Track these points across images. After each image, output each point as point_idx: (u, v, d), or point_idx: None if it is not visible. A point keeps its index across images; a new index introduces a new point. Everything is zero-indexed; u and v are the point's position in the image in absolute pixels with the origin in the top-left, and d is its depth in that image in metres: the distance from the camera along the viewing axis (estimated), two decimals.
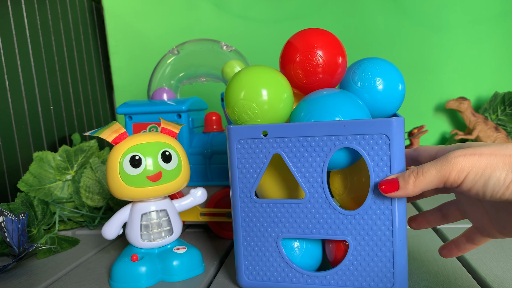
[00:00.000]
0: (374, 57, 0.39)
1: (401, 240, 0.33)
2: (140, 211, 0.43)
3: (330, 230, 0.35)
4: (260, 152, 0.36)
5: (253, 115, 0.36)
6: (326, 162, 0.34)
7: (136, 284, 0.41)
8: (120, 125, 0.42)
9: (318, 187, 0.35)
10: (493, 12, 0.84)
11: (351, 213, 0.34)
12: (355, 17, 0.87)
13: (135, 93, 0.93)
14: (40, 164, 0.65)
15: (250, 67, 0.37)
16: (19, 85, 0.69)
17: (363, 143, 0.33)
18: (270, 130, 0.35)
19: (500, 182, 0.26)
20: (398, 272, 0.33)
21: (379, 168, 0.33)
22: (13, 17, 0.69)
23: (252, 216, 0.37)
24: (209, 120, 0.57)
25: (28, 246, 0.47)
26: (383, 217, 0.33)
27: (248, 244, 0.38)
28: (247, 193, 0.37)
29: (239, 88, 0.36)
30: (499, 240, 0.47)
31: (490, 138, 0.79)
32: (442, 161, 0.28)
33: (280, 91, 0.36)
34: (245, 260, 0.38)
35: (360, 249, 0.34)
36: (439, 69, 0.87)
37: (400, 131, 0.32)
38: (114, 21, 0.92)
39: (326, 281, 0.36)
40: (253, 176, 0.37)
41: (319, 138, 0.34)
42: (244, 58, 0.62)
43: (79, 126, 0.84)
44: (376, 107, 0.38)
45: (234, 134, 0.36)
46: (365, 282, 0.34)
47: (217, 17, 0.89)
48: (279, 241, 0.37)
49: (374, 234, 0.34)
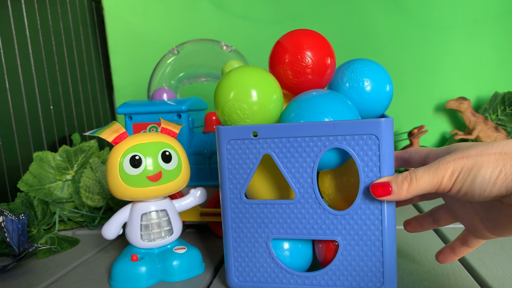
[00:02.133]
0: (363, 58, 0.39)
1: (390, 240, 0.33)
2: (140, 211, 0.43)
3: (320, 231, 0.35)
4: (250, 153, 0.36)
5: (243, 115, 0.36)
6: (316, 162, 0.34)
7: (136, 284, 0.41)
8: (120, 125, 0.42)
9: (308, 187, 0.35)
10: (493, 12, 0.84)
11: (341, 213, 0.34)
12: (355, 17, 0.87)
13: (135, 93, 0.93)
14: (40, 164, 0.65)
15: (240, 67, 0.37)
16: (19, 85, 0.69)
17: (352, 144, 0.33)
18: (261, 130, 0.35)
19: (486, 179, 0.26)
20: (388, 272, 0.33)
21: (368, 169, 0.33)
22: (13, 17, 0.69)
23: (242, 217, 0.37)
24: (209, 120, 0.57)
25: (28, 246, 0.47)
26: (372, 217, 0.33)
27: (238, 245, 0.38)
28: (237, 194, 0.37)
29: (228, 89, 0.36)
30: (499, 240, 0.47)
31: (490, 138, 0.79)
32: (435, 168, 0.29)
33: (270, 92, 0.36)
34: (234, 261, 0.38)
35: (349, 249, 0.34)
36: (439, 69, 0.87)
37: (389, 132, 0.32)
38: (114, 21, 0.92)
39: (316, 281, 0.36)
40: (243, 177, 0.36)
41: (309, 138, 0.34)
42: (244, 58, 0.62)
43: (79, 126, 0.84)
44: (364, 107, 0.38)
45: (224, 134, 0.36)
46: (355, 282, 0.35)
47: (217, 17, 0.89)
48: (269, 242, 0.37)
49: (363, 234, 0.34)
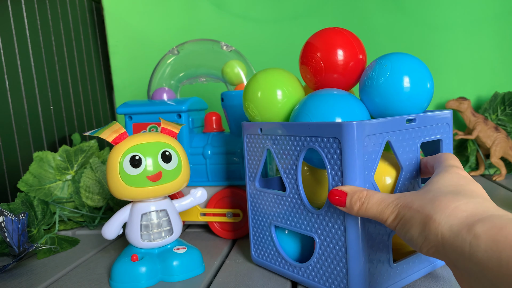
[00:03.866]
0: (399, 53, 0.37)
1: (353, 241, 0.32)
2: (140, 211, 0.43)
3: (302, 226, 0.37)
4: (258, 147, 0.41)
5: (252, 113, 0.41)
6: (300, 160, 0.36)
7: (136, 284, 0.41)
8: (120, 125, 0.42)
9: (294, 183, 0.37)
10: (493, 12, 0.84)
11: (316, 212, 0.35)
12: (355, 17, 0.87)
13: (135, 93, 0.93)
14: (40, 164, 0.65)
15: (262, 70, 0.41)
16: (19, 85, 0.69)
17: (322, 145, 0.33)
18: (264, 127, 0.39)
19: (413, 240, 0.26)
20: (352, 274, 0.33)
21: (334, 172, 0.33)
22: (13, 17, 0.69)
23: (255, 202, 0.42)
24: (209, 120, 0.57)
25: (28, 246, 0.47)
26: (335, 216, 0.34)
27: (254, 225, 0.43)
28: (253, 180, 0.42)
29: (256, 88, 0.40)
30: None
31: (490, 138, 0.79)
32: (384, 206, 0.29)
33: (275, 93, 0.39)
34: (253, 238, 0.44)
35: (323, 248, 0.35)
36: (439, 69, 0.87)
37: (353, 137, 0.31)
38: (114, 21, 0.91)
39: (301, 272, 0.38)
40: (255, 167, 0.41)
41: (294, 137, 0.36)
42: (244, 58, 0.62)
43: (79, 126, 0.84)
44: (401, 106, 0.36)
45: (244, 129, 0.42)
46: (326, 281, 0.35)
47: (217, 17, 0.89)
48: (272, 227, 0.41)
49: (330, 232, 0.34)
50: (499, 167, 0.78)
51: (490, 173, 0.83)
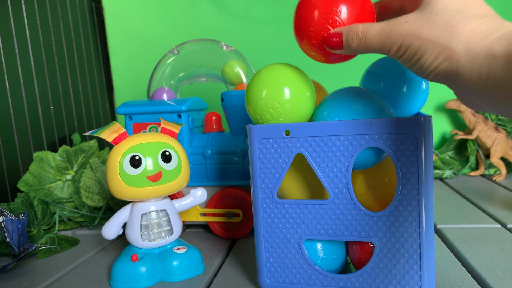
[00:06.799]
0: None
1: (428, 242, 0.32)
2: (140, 211, 0.43)
3: (355, 232, 0.34)
4: (282, 152, 0.35)
5: (275, 114, 0.35)
6: (351, 162, 0.33)
7: (136, 284, 0.41)
8: (120, 125, 0.42)
9: (342, 187, 0.34)
10: None
11: (377, 215, 0.33)
12: None
13: (135, 93, 0.93)
14: (40, 164, 0.65)
15: (272, 65, 0.36)
16: (19, 85, 0.69)
17: (389, 143, 0.32)
18: (293, 129, 0.34)
19: (422, 69, 0.26)
20: (426, 275, 0.32)
21: (405, 169, 0.32)
22: (13, 17, 0.69)
23: (274, 217, 0.36)
24: (209, 120, 0.57)
25: (28, 246, 0.47)
26: (410, 219, 0.32)
27: (270, 246, 0.37)
28: (269, 193, 0.36)
29: (261, 87, 0.35)
30: (499, 240, 0.47)
31: (490, 138, 0.79)
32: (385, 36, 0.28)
33: (303, 90, 0.35)
34: (266, 262, 0.37)
35: (386, 251, 0.33)
36: None
37: (429, 131, 0.31)
38: (114, 21, 0.92)
39: (351, 283, 0.35)
40: (275, 177, 0.36)
41: (344, 137, 0.33)
42: (244, 58, 0.62)
43: (79, 126, 0.84)
44: (398, 105, 0.36)
45: (255, 133, 0.35)
46: (391, 284, 0.33)
47: (217, 17, 0.89)
48: (301, 243, 0.36)
49: (400, 235, 0.33)
50: (499, 167, 0.78)
51: (490, 173, 0.83)
